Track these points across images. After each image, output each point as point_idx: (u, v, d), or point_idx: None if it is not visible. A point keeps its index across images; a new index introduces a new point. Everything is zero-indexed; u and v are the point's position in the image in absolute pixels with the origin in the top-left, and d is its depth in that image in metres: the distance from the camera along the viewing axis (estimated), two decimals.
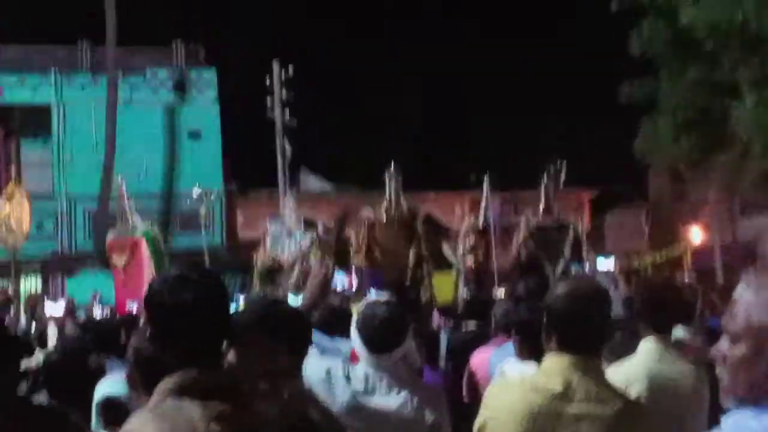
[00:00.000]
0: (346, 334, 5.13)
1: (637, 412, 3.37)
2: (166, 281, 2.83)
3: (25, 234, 17.33)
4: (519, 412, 3.26)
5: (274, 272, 20.09)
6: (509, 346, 5.33)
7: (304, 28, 33.27)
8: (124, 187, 19.09)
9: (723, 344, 2.24)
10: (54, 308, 11.42)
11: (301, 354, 3.66)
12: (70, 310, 10.67)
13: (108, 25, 26.06)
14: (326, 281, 5.16)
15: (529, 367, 4.66)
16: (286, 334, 3.52)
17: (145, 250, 17.77)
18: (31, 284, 26.69)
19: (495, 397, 3.43)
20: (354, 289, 13.38)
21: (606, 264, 20.20)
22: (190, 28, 29.05)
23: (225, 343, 3.00)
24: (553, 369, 3.29)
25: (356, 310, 5.49)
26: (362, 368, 4.44)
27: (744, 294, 2.24)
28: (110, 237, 19.18)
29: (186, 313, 2.74)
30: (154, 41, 29.19)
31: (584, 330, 3.32)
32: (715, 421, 2.30)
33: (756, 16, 12.07)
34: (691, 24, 12.93)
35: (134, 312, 11.43)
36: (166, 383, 2.72)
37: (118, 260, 18.03)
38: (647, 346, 4.49)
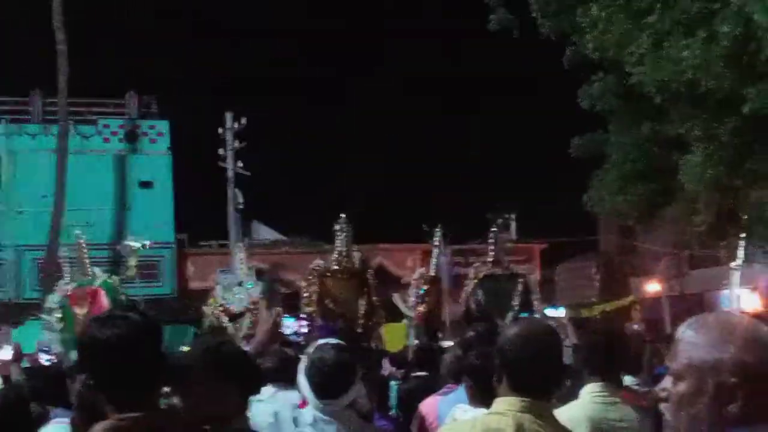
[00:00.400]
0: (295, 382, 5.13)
1: None
2: (95, 321, 2.81)
3: None
4: None
5: (220, 328, 20.02)
6: (459, 391, 5.33)
7: (258, 81, 33.37)
8: (83, 238, 19.05)
9: (667, 382, 2.28)
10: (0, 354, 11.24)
11: (250, 395, 3.63)
12: (16, 358, 10.48)
13: (60, 75, 25.98)
14: (276, 327, 5.15)
15: (480, 413, 4.66)
16: (237, 374, 3.49)
17: (104, 300, 17.76)
18: None
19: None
20: (304, 336, 13.31)
21: (556, 314, 20.32)
22: (143, 79, 28.98)
23: (166, 385, 2.96)
24: (504, 411, 3.27)
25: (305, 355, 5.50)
26: (310, 412, 4.43)
27: (685, 333, 2.28)
28: (69, 288, 19.15)
29: (112, 349, 2.71)
30: (107, 93, 29.15)
31: (536, 372, 3.30)
32: None
33: (703, 73, 12.30)
34: (641, 81, 13.14)
35: None
36: (99, 427, 2.68)
37: (80, 310, 18.00)
38: (591, 390, 4.51)
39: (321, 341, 5.01)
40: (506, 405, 3.28)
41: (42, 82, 27.90)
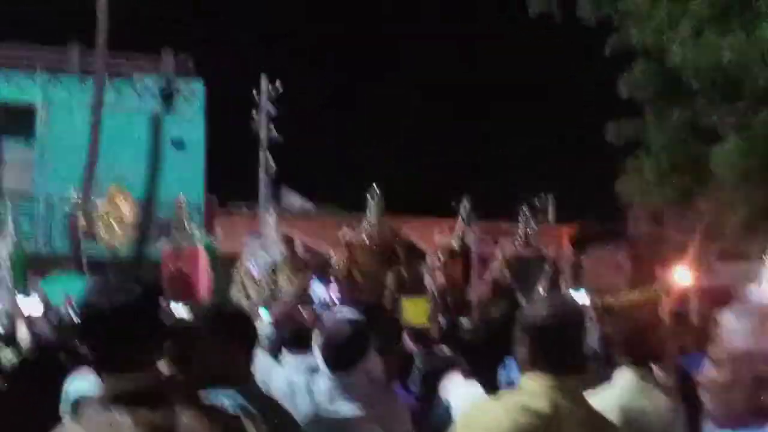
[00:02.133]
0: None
1: None
2: (91, 287, 2.83)
3: (123, 234, 18.22)
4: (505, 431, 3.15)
5: (248, 287, 20.16)
6: None
7: (296, 44, 33.29)
8: (183, 199, 19.55)
9: (709, 369, 2.31)
10: (26, 305, 11.30)
11: (250, 352, 3.66)
12: (46, 310, 10.59)
13: (99, 28, 26.03)
14: (303, 293, 5.17)
15: (473, 388, 4.66)
16: (240, 333, 3.51)
17: (203, 259, 18.37)
18: None
19: (474, 419, 3.31)
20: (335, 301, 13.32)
21: (581, 298, 20.22)
22: (180, 37, 28.99)
23: (166, 347, 2.97)
24: (536, 389, 3.21)
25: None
26: (324, 382, 4.46)
27: (727, 320, 2.30)
28: (164, 246, 19.78)
29: (110, 317, 2.73)
30: (144, 48, 29.18)
31: (567, 351, 3.25)
32: None
33: (738, 59, 12.18)
34: (679, 65, 13.04)
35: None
36: (99, 396, 2.69)
37: (169, 269, 18.72)
38: (623, 377, 4.47)
39: (336, 312, 5.03)
40: (537, 383, 3.23)
41: (80, 33, 27.98)
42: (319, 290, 15.40)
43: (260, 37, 31.74)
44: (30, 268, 26.41)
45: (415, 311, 16.16)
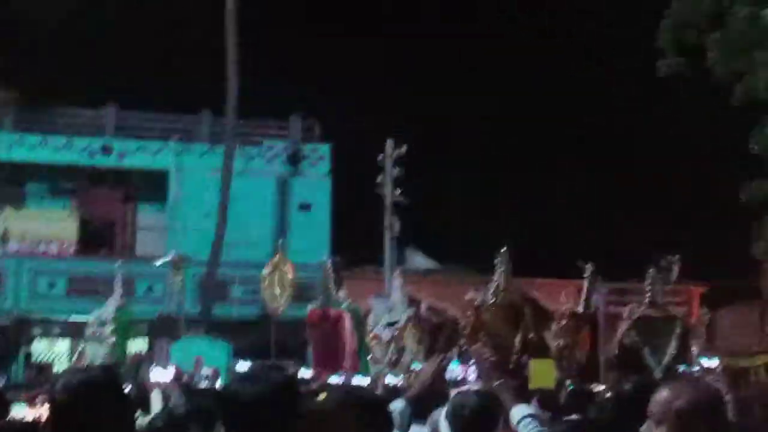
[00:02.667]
0: None
1: None
2: (235, 378, 2.90)
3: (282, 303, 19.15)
4: None
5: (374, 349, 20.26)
6: None
7: (422, 107, 33.56)
8: (329, 264, 20.15)
9: None
10: (160, 373, 11.53)
11: None
12: (178, 377, 10.77)
13: (229, 95, 26.78)
14: (441, 371, 5.11)
15: None
16: (374, 423, 3.44)
17: (348, 324, 18.68)
18: (137, 346, 27.19)
19: None
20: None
21: (709, 364, 19.57)
22: (307, 103, 29.54)
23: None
24: None
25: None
26: None
27: None
28: (310, 308, 20.32)
29: (250, 405, 2.82)
30: (273, 114, 29.82)
31: None
32: None
33: None
34: None
35: None
36: None
37: (314, 331, 19.18)
38: None
39: (463, 388, 4.96)
40: None
41: (211, 102, 28.79)
42: (456, 369, 15.28)
43: (388, 101, 32.00)
44: (161, 331, 27.11)
45: (542, 373, 15.88)
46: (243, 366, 16.30)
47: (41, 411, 4.00)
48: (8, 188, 28.21)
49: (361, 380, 14.16)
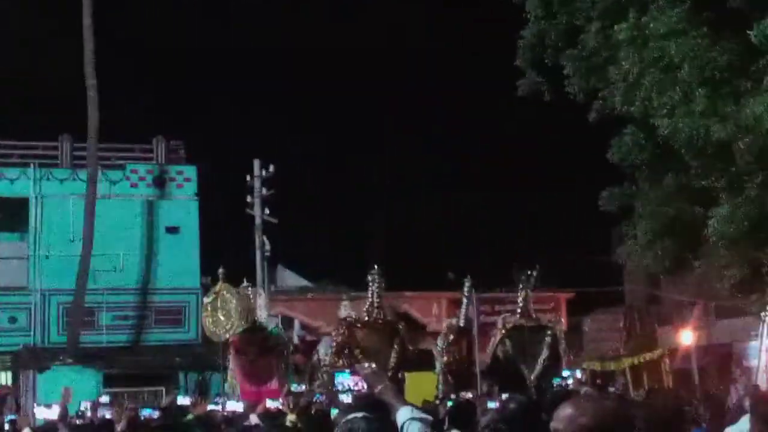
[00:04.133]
0: None
1: None
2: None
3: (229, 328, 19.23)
4: None
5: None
6: None
7: (286, 127, 33.61)
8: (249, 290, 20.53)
9: None
10: (44, 412, 11.24)
11: None
12: (63, 415, 10.56)
13: (90, 120, 26.28)
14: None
15: None
16: None
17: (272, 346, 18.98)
18: (1, 378, 26.43)
19: None
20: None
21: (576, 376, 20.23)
22: (171, 125, 29.26)
23: None
24: None
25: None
26: None
27: None
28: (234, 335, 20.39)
29: None
30: (135, 138, 29.40)
31: None
32: None
33: (727, 133, 12.43)
34: (668, 135, 13.25)
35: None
36: None
37: (242, 356, 19.39)
38: None
39: (350, 416, 5.01)
40: None
41: (71, 127, 28.19)
42: (343, 381, 15.48)
43: (252, 122, 31.95)
44: (27, 363, 26.40)
45: (420, 387, 16.12)
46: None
47: None
48: None
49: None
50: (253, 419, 8.71)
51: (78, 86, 26.60)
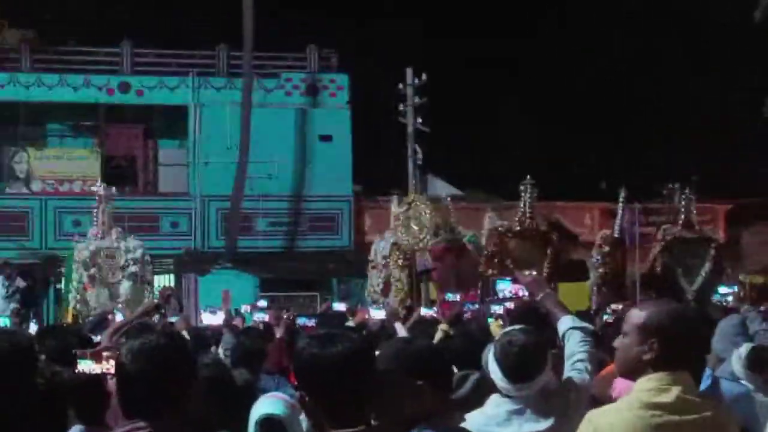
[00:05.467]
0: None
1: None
2: (314, 337, 2.93)
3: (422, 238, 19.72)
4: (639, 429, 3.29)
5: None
6: None
7: (441, 37, 33.24)
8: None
9: None
10: (210, 318, 11.63)
11: (445, 390, 3.49)
12: (228, 322, 10.93)
13: (245, 28, 26.60)
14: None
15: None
16: (428, 371, 3.36)
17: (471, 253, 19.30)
18: (164, 281, 27.47)
19: (605, 420, 3.38)
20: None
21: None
22: (324, 34, 29.25)
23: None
24: (661, 387, 3.34)
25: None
26: (499, 407, 4.43)
27: None
28: (433, 242, 20.83)
29: (331, 367, 2.85)
30: (289, 47, 29.62)
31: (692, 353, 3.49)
32: None
33: None
34: None
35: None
36: None
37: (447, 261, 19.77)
38: None
39: (508, 328, 4.95)
40: (661, 381, 3.34)
41: (228, 36, 28.59)
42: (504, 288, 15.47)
43: (406, 31, 31.71)
44: (188, 266, 27.36)
45: (572, 298, 15.98)
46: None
47: (108, 366, 4.02)
48: (29, 129, 28.23)
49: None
50: (399, 329, 8.74)
51: None
